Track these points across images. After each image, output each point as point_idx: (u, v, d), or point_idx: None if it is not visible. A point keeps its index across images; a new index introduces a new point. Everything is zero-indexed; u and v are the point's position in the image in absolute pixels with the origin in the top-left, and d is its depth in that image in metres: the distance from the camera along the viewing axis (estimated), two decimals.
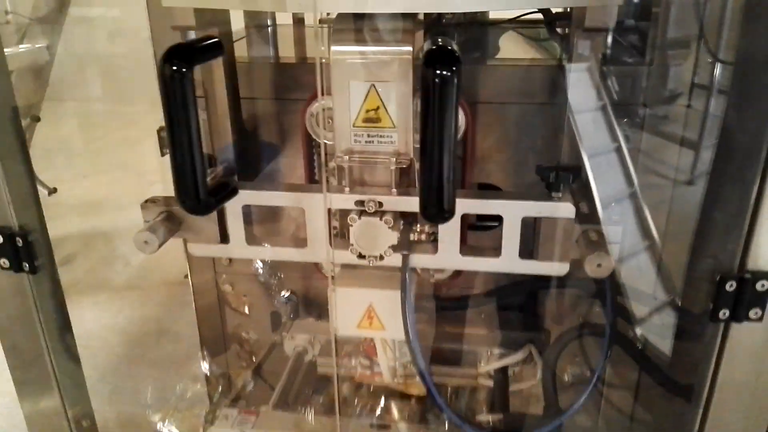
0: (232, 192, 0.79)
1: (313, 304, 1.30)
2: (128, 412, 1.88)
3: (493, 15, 1.40)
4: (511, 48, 1.28)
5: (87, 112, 4.76)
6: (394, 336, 0.88)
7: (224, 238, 0.88)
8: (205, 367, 1.42)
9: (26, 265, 0.77)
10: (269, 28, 1.32)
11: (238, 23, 1.23)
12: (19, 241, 0.76)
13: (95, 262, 2.86)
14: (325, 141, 0.94)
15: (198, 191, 0.66)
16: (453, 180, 0.57)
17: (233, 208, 0.84)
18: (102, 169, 3.91)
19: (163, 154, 1.15)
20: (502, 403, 1.00)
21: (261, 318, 1.33)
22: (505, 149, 0.99)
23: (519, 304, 1.15)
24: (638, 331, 0.95)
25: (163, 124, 1.10)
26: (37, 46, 2.66)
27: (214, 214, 0.85)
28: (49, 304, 0.82)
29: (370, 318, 0.87)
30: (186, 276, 1.37)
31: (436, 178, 0.57)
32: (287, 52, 1.30)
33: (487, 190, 0.94)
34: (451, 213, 0.58)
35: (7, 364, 0.86)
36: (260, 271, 1.29)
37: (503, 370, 1.06)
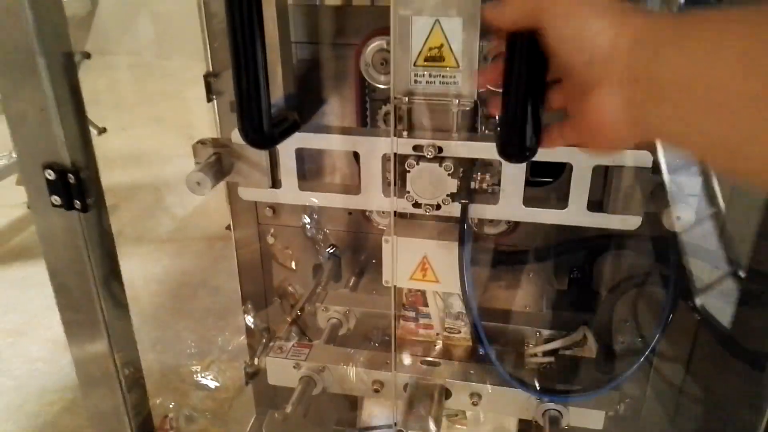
0: (294, 126, 0.75)
1: (356, 263, 1.28)
2: (170, 362, 1.91)
3: None
4: None
5: (127, 64, 4.77)
6: (448, 289, 0.84)
7: (275, 183, 0.85)
8: (248, 320, 1.41)
9: (78, 203, 0.75)
10: None
11: None
12: (71, 178, 0.74)
13: (136, 214, 2.89)
14: (381, 85, 0.90)
15: (262, 121, 0.62)
16: (538, 113, 0.52)
17: (286, 150, 0.81)
18: (141, 122, 3.93)
19: (209, 100, 1.12)
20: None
21: (304, 272, 1.32)
22: None
23: (572, 276, 1.11)
24: (698, 301, 0.90)
25: (207, 71, 1.08)
26: None
27: (266, 158, 0.82)
28: (99, 245, 0.80)
29: (424, 270, 0.84)
30: (228, 227, 1.35)
31: (519, 109, 0.52)
32: None
33: None
34: (533, 151, 0.53)
35: (56, 305, 0.85)
36: (306, 224, 1.27)
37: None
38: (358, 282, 1.23)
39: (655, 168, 0.75)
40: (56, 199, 0.75)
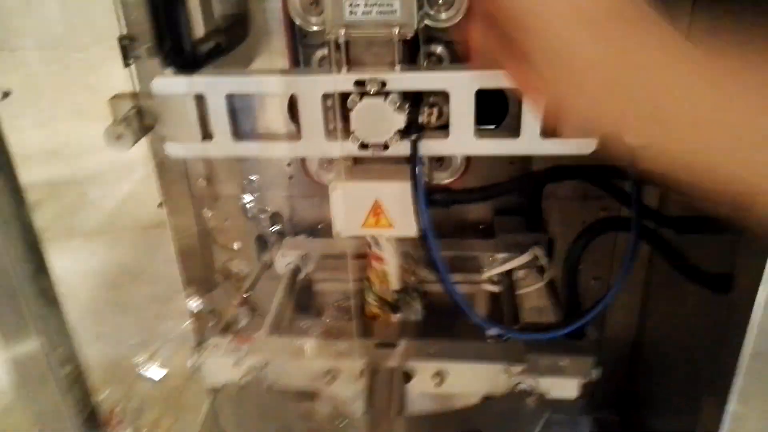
0: (218, 48, 0.68)
1: (302, 225, 1.22)
2: (114, 354, 1.81)
3: None
4: None
5: (39, 59, 4.52)
6: (403, 233, 0.79)
7: (206, 136, 0.78)
8: (190, 305, 1.34)
9: None
10: None
11: None
12: None
13: (63, 209, 2.73)
14: (314, 27, 0.85)
15: (182, 38, 0.55)
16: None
17: (215, 98, 0.74)
18: (61, 116, 3.72)
19: (126, 65, 1.03)
20: (510, 306, 0.93)
21: (246, 244, 1.25)
22: None
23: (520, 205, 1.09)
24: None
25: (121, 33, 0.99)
26: None
27: (194, 107, 0.74)
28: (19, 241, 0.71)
29: (377, 215, 0.79)
30: (160, 204, 1.27)
31: None
32: None
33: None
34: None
35: None
36: (246, 203, 1.20)
37: (508, 275, 0.99)
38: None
39: None
40: None
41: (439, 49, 0.86)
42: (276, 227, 1.22)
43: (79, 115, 3.57)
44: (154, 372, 1.64)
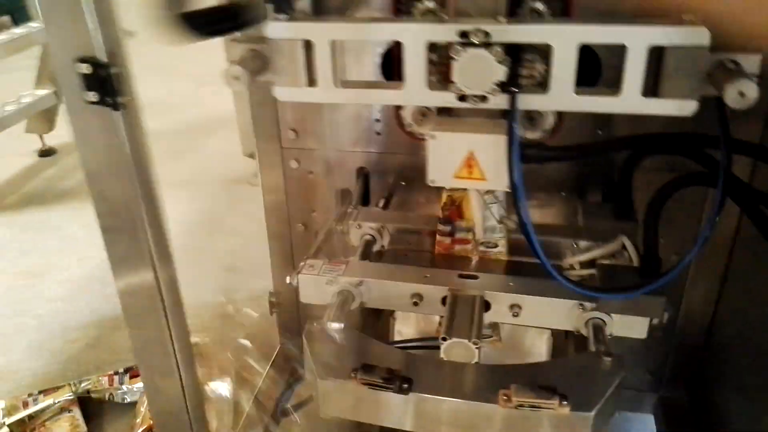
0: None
1: (384, 185, 1.25)
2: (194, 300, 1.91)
3: None
4: None
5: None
6: (495, 186, 0.82)
7: (311, 82, 0.81)
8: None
9: (113, 100, 0.72)
10: None
11: None
12: (105, 73, 0.71)
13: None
14: None
15: None
16: None
17: (321, 44, 0.77)
18: (151, 73, 3.86)
19: None
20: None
21: (328, 197, 1.29)
22: None
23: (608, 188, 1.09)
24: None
25: None
26: None
27: (302, 53, 0.78)
28: (135, 145, 0.77)
29: (470, 167, 0.81)
30: (251, 154, 1.33)
31: None
32: None
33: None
34: None
35: (96, 214, 0.83)
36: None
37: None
38: (388, 203, 1.21)
39: (714, 47, 0.71)
40: (93, 95, 0.72)
41: (538, 4, 0.86)
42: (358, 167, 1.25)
43: (166, 71, 3.71)
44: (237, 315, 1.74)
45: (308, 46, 0.79)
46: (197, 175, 2.76)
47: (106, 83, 0.71)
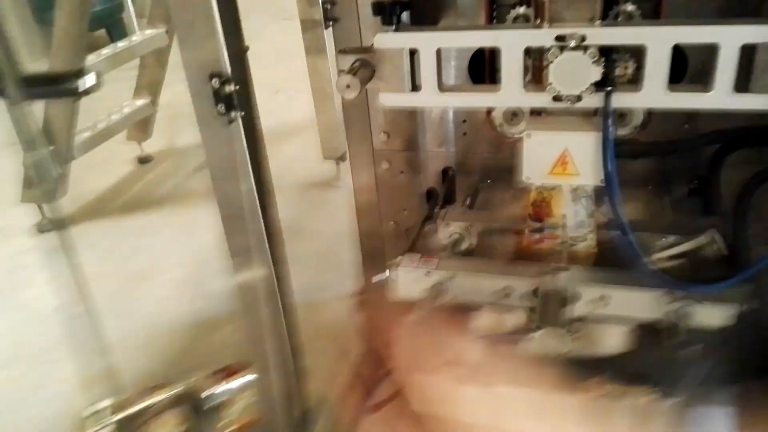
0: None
1: (469, 184, 1.31)
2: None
3: None
4: None
5: None
6: (588, 181, 0.86)
7: (414, 87, 0.88)
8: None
9: (237, 114, 0.81)
10: None
11: None
12: (232, 89, 0.80)
13: None
14: None
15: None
16: None
17: (426, 52, 0.84)
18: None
19: (326, 27, 1.16)
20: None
21: (417, 197, 1.35)
22: None
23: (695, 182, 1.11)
24: None
25: None
26: None
27: (406, 61, 0.85)
28: (254, 154, 0.86)
29: (564, 164, 0.86)
30: (339, 156, 1.40)
31: None
32: None
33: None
34: None
35: (221, 217, 0.92)
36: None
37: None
38: (474, 202, 1.27)
39: None
40: (221, 108, 0.81)
41: (630, 6, 0.90)
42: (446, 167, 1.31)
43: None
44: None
45: (412, 54, 0.85)
46: (278, 180, 2.87)
47: (232, 98, 0.80)
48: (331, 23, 1.15)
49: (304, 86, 2.58)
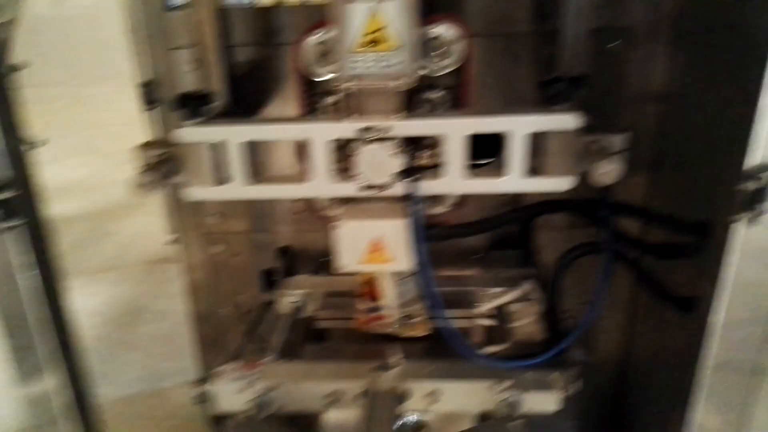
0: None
1: (308, 257, 1.29)
2: (118, 393, 1.83)
3: None
4: None
5: (46, 97, 4.61)
6: (402, 267, 0.86)
7: (222, 181, 0.85)
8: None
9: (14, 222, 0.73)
10: None
11: None
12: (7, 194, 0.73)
13: (70, 245, 2.80)
14: (323, 77, 0.91)
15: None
16: None
17: (233, 145, 0.82)
18: (71, 153, 3.80)
19: (147, 110, 1.11)
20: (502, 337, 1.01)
21: (253, 277, 1.31)
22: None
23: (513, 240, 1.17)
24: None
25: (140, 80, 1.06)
26: None
27: (212, 155, 0.82)
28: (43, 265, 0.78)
29: (378, 250, 0.86)
30: (171, 241, 1.32)
31: None
32: None
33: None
34: None
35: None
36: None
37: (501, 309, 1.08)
38: (318, 270, 1.26)
39: (590, 128, 0.80)
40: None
41: (434, 94, 0.93)
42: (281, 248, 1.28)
43: (85, 151, 3.67)
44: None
45: (216, 145, 0.83)
46: (119, 259, 2.71)
47: (7, 204, 0.72)
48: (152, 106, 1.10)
49: None
